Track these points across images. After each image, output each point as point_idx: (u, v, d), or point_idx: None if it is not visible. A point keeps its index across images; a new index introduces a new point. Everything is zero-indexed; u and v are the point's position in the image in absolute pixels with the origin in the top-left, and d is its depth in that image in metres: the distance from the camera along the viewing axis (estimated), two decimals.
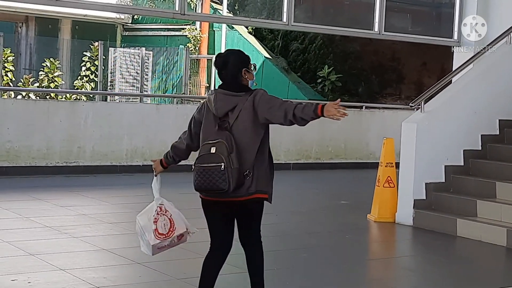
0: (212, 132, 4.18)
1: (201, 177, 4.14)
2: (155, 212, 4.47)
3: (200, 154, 4.17)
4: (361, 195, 9.55)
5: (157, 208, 4.48)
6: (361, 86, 19.52)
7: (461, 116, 8.51)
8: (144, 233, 4.45)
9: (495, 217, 7.49)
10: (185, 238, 4.57)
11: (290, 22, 10.14)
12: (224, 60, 4.24)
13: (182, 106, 12.98)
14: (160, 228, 4.43)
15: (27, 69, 18.60)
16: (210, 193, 4.22)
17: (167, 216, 4.49)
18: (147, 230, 4.43)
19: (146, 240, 4.45)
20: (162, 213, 4.49)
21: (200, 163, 4.13)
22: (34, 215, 7.50)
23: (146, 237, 4.44)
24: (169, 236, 4.45)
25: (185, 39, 18.73)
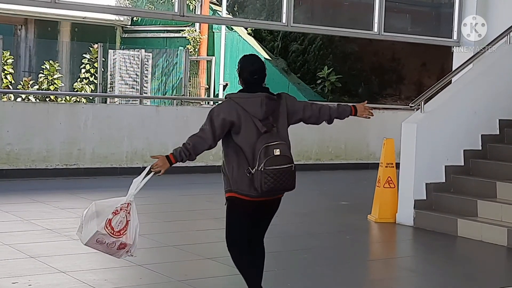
0: (257, 135, 4.26)
1: (276, 178, 4.20)
2: (120, 205, 4.26)
3: (267, 157, 4.20)
4: (361, 195, 9.55)
5: (126, 203, 4.29)
6: (361, 87, 19.52)
7: (461, 116, 8.51)
8: (94, 218, 4.20)
9: (496, 217, 7.49)
10: (123, 252, 4.31)
11: (290, 23, 10.14)
12: (263, 64, 4.50)
13: (182, 108, 12.98)
14: (114, 222, 4.22)
15: (26, 71, 18.59)
16: (272, 193, 4.29)
17: (127, 217, 4.29)
18: (99, 216, 4.20)
19: (90, 226, 4.18)
20: (125, 210, 4.28)
21: (275, 165, 4.20)
22: (34, 218, 7.50)
23: (93, 223, 4.18)
24: (116, 236, 4.22)
25: (184, 41, 18.73)
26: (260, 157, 4.18)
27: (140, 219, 8.05)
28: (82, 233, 4.24)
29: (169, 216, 8.20)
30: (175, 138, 11.91)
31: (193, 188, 10.65)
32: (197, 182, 11.14)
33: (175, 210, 8.70)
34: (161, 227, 7.56)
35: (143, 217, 8.03)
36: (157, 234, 7.15)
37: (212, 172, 12.07)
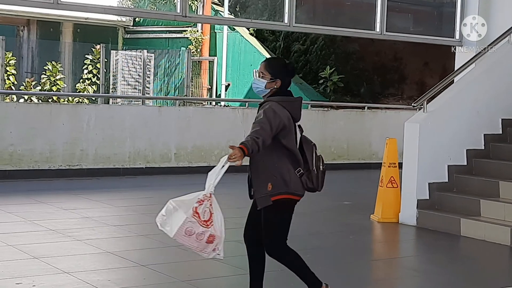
0: (296, 137, 4.46)
1: (321, 178, 4.46)
2: (203, 195, 4.15)
3: (315, 157, 4.43)
4: (364, 195, 9.55)
5: (208, 194, 4.17)
6: (363, 87, 19.52)
7: (464, 116, 8.50)
8: (177, 209, 4.11)
9: (499, 217, 7.49)
10: (212, 247, 4.21)
11: (292, 23, 10.15)
12: None
13: (184, 108, 12.98)
14: (200, 210, 4.11)
15: (29, 72, 18.62)
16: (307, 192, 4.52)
17: (210, 210, 4.17)
18: (183, 207, 4.10)
19: (177, 215, 4.08)
20: (208, 201, 4.17)
21: (322, 165, 4.45)
22: (37, 218, 7.51)
23: (179, 212, 4.08)
24: (204, 225, 4.10)
25: (186, 41, 18.74)
26: (311, 157, 4.38)
27: (143, 219, 8.11)
28: (168, 226, 4.13)
29: None
30: (177, 138, 11.94)
31: (195, 188, 10.61)
32: (199, 183, 11.12)
33: None
34: None
35: (146, 217, 8.08)
36: (160, 234, 7.09)
37: None
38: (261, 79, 4.40)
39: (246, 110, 12.71)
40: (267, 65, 4.44)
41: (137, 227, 7.49)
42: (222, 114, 12.77)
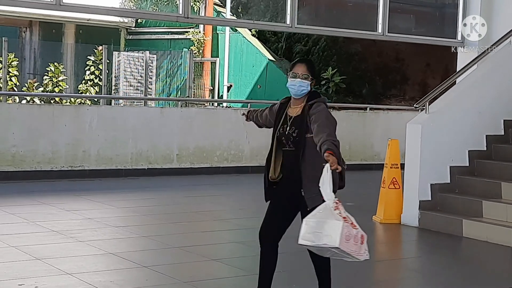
0: None
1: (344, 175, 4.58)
2: (333, 202, 4.11)
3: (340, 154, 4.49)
4: (366, 196, 9.54)
5: (335, 201, 4.13)
6: (365, 88, 19.51)
7: (466, 117, 8.50)
8: (326, 220, 4.04)
9: (501, 218, 7.48)
10: (364, 247, 4.12)
11: (294, 24, 10.15)
12: None
13: (186, 109, 12.99)
14: (344, 214, 4.08)
15: (31, 73, 18.66)
16: None
17: (344, 213, 4.12)
18: (326, 216, 4.05)
19: (330, 224, 4.00)
20: (341, 205, 4.15)
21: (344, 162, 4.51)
22: (40, 220, 7.52)
23: (330, 220, 4.02)
24: (354, 227, 4.05)
25: (188, 42, 18.76)
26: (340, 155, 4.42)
27: (145, 220, 8.12)
28: (327, 238, 4.03)
29: (174, 218, 8.21)
30: (179, 139, 11.95)
31: (197, 189, 10.66)
32: (201, 184, 11.16)
33: (180, 211, 8.71)
34: (166, 229, 7.57)
35: (149, 219, 8.09)
36: (162, 235, 7.16)
37: (217, 173, 12.10)
38: (305, 80, 4.48)
39: None
40: (308, 66, 4.54)
41: (139, 228, 7.50)
42: (224, 115, 12.78)
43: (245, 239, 7.26)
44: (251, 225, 7.96)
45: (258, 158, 12.48)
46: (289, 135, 4.47)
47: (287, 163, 4.48)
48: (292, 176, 4.45)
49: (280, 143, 4.52)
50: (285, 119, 4.54)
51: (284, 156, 4.50)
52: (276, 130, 4.54)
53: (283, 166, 4.50)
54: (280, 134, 4.51)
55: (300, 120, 4.47)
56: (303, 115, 4.47)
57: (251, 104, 14.02)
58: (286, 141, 4.49)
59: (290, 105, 4.59)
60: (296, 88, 4.49)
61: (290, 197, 4.51)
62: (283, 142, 4.50)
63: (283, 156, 4.50)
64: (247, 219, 8.27)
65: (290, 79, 4.52)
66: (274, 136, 4.54)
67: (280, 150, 4.52)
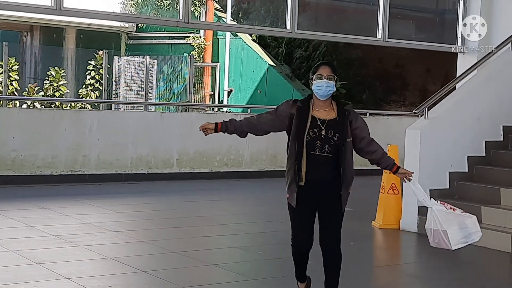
0: None
1: None
2: (439, 202, 4.77)
3: None
4: (365, 202, 9.54)
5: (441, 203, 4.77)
6: (365, 93, 19.53)
7: (465, 123, 8.51)
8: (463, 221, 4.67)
9: (500, 223, 7.49)
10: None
11: (294, 30, 10.19)
12: None
13: (186, 114, 13.01)
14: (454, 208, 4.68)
15: (32, 78, 18.68)
16: None
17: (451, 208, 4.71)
18: (457, 217, 4.66)
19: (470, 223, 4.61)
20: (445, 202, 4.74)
21: None
22: (39, 224, 7.53)
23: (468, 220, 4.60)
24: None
25: (189, 47, 18.79)
26: None
27: (144, 225, 8.12)
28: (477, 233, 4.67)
29: (173, 222, 8.22)
30: (179, 144, 11.96)
31: (197, 194, 10.67)
32: (201, 188, 11.17)
33: (179, 216, 8.72)
34: (166, 233, 7.58)
35: (147, 223, 8.10)
36: (162, 240, 7.17)
37: (217, 178, 12.11)
38: (331, 81, 4.56)
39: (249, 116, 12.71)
40: (332, 68, 4.63)
41: (138, 233, 7.50)
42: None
43: (244, 244, 7.27)
44: (251, 230, 7.98)
45: (258, 163, 12.49)
46: (327, 139, 4.49)
47: (320, 166, 4.50)
48: (325, 180, 4.53)
49: (309, 147, 4.48)
50: (314, 122, 4.52)
51: (316, 159, 4.49)
52: (304, 133, 4.49)
53: (313, 169, 4.50)
54: (312, 138, 4.49)
55: (340, 124, 4.53)
56: (342, 119, 4.54)
57: (251, 109, 14.04)
58: (322, 144, 4.49)
59: (314, 108, 4.58)
60: (324, 88, 4.53)
61: (317, 201, 4.58)
62: (314, 146, 4.48)
63: (314, 160, 4.49)
64: (247, 224, 8.28)
65: (316, 81, 4.56)
66: (303, 139, 4.49)
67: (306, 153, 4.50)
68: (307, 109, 4.56)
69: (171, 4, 18.47)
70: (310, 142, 4.49)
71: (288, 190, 4.55)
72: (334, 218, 4.63)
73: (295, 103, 4.61)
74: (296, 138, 4.51)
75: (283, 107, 4.63)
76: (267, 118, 4.70)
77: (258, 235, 7.76)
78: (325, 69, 4.58)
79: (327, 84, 4.52)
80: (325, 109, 4.58)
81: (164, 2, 18.86)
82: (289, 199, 4.57)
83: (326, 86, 4.52)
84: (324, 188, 4.55)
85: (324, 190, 4.55)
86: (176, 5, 17.39)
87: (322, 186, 4.54)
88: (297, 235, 4.64)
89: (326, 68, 4.60)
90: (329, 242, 4.61)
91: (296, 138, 4.51)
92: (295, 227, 4.63)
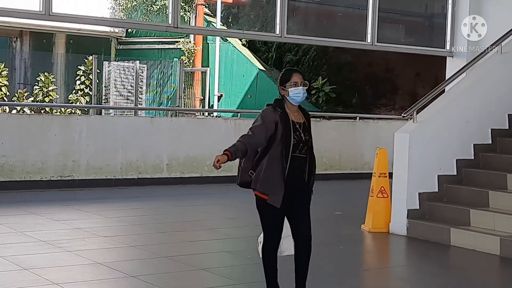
0: None
1: None
2: None
3: None
4: (355, 205, 9.56)
5: None
6: (355, 97, 19.58)
7: (454, 126, 8.54)
8: None
9: (489, 226, 7.51)
10: None
11: (283, 34, 10.20)
12: None
13: (176, 119, 13.00)
14: None
15: (21, 83, 18.63)
16: None
17: None
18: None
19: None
20: None
21: None
22: (28, 230, 7.50)
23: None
24: None
25: (179, 52, 18.79)
26: None
27: (134, 230, 8.11)
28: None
29: (163, 227, 8.20)
30: (169, 149, 11.94)
31: (187, 199, 10.66)
32: (191, 193, 11.15)
33: (169, 221, 8.71)
34: (155, 238, 7.57)
35: (137, 228, 8.09)
36: (151, 245, 7.16)
37: (207, 183, 12.10)
38: (304, 87, 4.83)
39: (239, 121, 12.73)
40: (303, 74, 4.90)
41: (128, 238, 7.48)
42: (214, 125, 12.79)
43: (234, 249, 7.27)
44: (240, 235, 7.98)
45: None
46: (306, 141, 4.81)
47: (298, 166, 4.77)
48: (300, 178, 4.80)
49: (294, 149, 4.74)
50: (294, 126, 4.78)
51: (296, 160, 4.75)
52: (290, 137, 4.72)
53: (293, 170, 4.74)
54: (297, 141, 4.75)
55: (309, 127, 4.89)
56: (309, 122, 4.90)
57: (241, 113, 14.05)
58: (303, 146, 4.78)
59: (289, 113, 4.81)
60: (301, 96, 4.80)
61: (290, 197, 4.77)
62: (297, 148, 4.75)
63: (294, 161, 4.74)
64: (237, 229, 8.28)
65: (293, 89, 4.78)
66: (290, 143, 4.71)
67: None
68: (287, 114, 4.79)
69: (161, 9, 18.47)
70: (295, 145, 4.75)
71: (269, 191, 4.70)
72: (306, 210, 4.90)
73: (276, 109, 4.79)
74: (284, 141, 4.72)
75: (270, 116, 4.77)
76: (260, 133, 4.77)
77: (248, 239, 7.73)
78: (298, 76, 4.83)
79: (304, 92, 4.82)
80: (296, 113, 4.86)
81: (154, 7, 18.86)
82: (271, 201, 4.70)
83: (304, 93, 4.81)
84: (301, 185, 4.83)
85: (301, 188, 4.83)
86: (165, 10, 17.40)
87: (299, 184, 4.80)
88: (271, 233, 4.84)
89: (298, 75, 4.85)
90: (303, 231, 4.85)
91: (284, 141, 4.72)
92: (273, 228, 4.82)
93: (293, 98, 4.79)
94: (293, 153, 4.72)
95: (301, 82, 4.79)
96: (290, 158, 4.70)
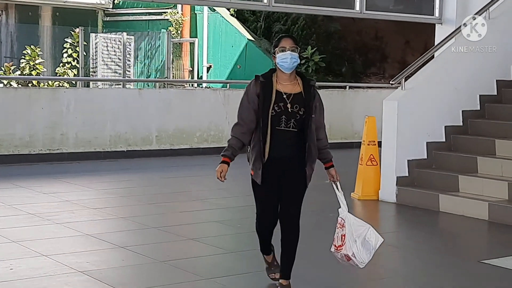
0: None
1: None
2: (337, 222, 4.70)
3: None
4: (345, 174, 9.45)
5: (339, 219, 4.69)
6: (345, 66, 19.52)
7: (442, 93, 8.53)
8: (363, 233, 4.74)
9: (477, 192, 7.55)
10: (353, 263, 4.59)
11: (271, 3, 10.10)
12: None
13: (164, 90, 12.92)
14: (335, 238, 4.68)
15: (8, 57, 18.45)
16: None
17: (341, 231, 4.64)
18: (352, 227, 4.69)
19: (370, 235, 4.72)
20: (340, 226, 4.67)
21: None
22: (17, 203, 7.47)
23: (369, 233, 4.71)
24: (339, 251, 4.61)
25: (167, 23, 18.62)
26: None
27: (123, 201, 8.09)
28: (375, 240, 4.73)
29: (152, 199, 8.19)
30: (158, 121, 11.89)
31: (177, 170, 10.64)
32: (181, 165, 11.13)
33: (158, 192, 8.69)
34: (144, 210, 7.56)
35: (126, 200, 8.08)
36: (140, 216, 7.15)
37: (197, 154, 12.08)
38: (294, 52, 4.41)
39: (228, 92, 12.67)
40: (294, 39, 4.51)
41: (117, 209, 7.47)
42: (203, 96, 12.73)
43: (223, 218, 7.28)
44: (230, 205, 7.99)
45: None
46: (293, 113, 4.36)
47: (284, 142, 4.39)
48: (290, 156, 4.43)
49: (274, 122, 4.34)
50: (279, 96, 4.37)
51: (281, 135, 4.37)
52: (269, 108, 4.33)
53: (277, 145, 4.38)
54: (278, 112, 4.34)
55: (306, 98, 4.41)
56: (308, 94, 4.42)
57: (230, 84, 13.98)
58: (288, 119, 4.36)
59: (277, 82, 4.42)
60: (289, 61, 4.38)
61: (280, 177, 4.47)
62: (279, 121, 4.35)
63: (278, 135, 4.36)
64: (226, 199, 8.28)
65: (280, 54, 4.38)
66: (268, 115, 4.33)
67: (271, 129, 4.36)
68: (271, 84, 4.40)
69: None
70: (275, 117, 4.34)
71: (253, 167, 4.42)
72: (296, 194, 4.56)
73: (258, 80, 4.42)
74: (261, 113, 4.35)
75: (252, 88, 4.42)
76: (247, 110, 4.44)
77: (238, 209, 7.76)
78: (287, 41, 4.44)
79: (292, 56, 4.37)
80: (290, 83, 4.44)
81: None
82: (253, 176, 4.45)
83: (291, 58, 4.37)
84: (289, 164, 4.45)
85: (289, 166, 4.45)
86: None
87: (287, 162, 4.44)
88: (262, 213, 4.56)
89: (288, 40, 4.46)
90: (288, 218, 4.54)
91: (261, 113, 4.35)
92: (260, 205, 4.55)
93: (281, 65, 4.38)
94: (276, 126, 4.33)
95: (290, 47, 4.37)
96: (272, 132, 4.33)
